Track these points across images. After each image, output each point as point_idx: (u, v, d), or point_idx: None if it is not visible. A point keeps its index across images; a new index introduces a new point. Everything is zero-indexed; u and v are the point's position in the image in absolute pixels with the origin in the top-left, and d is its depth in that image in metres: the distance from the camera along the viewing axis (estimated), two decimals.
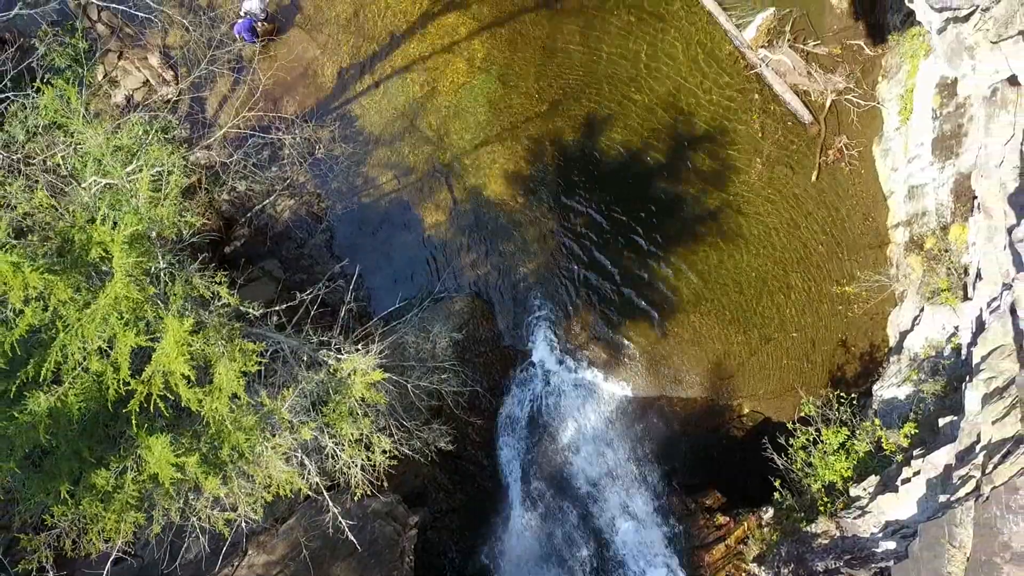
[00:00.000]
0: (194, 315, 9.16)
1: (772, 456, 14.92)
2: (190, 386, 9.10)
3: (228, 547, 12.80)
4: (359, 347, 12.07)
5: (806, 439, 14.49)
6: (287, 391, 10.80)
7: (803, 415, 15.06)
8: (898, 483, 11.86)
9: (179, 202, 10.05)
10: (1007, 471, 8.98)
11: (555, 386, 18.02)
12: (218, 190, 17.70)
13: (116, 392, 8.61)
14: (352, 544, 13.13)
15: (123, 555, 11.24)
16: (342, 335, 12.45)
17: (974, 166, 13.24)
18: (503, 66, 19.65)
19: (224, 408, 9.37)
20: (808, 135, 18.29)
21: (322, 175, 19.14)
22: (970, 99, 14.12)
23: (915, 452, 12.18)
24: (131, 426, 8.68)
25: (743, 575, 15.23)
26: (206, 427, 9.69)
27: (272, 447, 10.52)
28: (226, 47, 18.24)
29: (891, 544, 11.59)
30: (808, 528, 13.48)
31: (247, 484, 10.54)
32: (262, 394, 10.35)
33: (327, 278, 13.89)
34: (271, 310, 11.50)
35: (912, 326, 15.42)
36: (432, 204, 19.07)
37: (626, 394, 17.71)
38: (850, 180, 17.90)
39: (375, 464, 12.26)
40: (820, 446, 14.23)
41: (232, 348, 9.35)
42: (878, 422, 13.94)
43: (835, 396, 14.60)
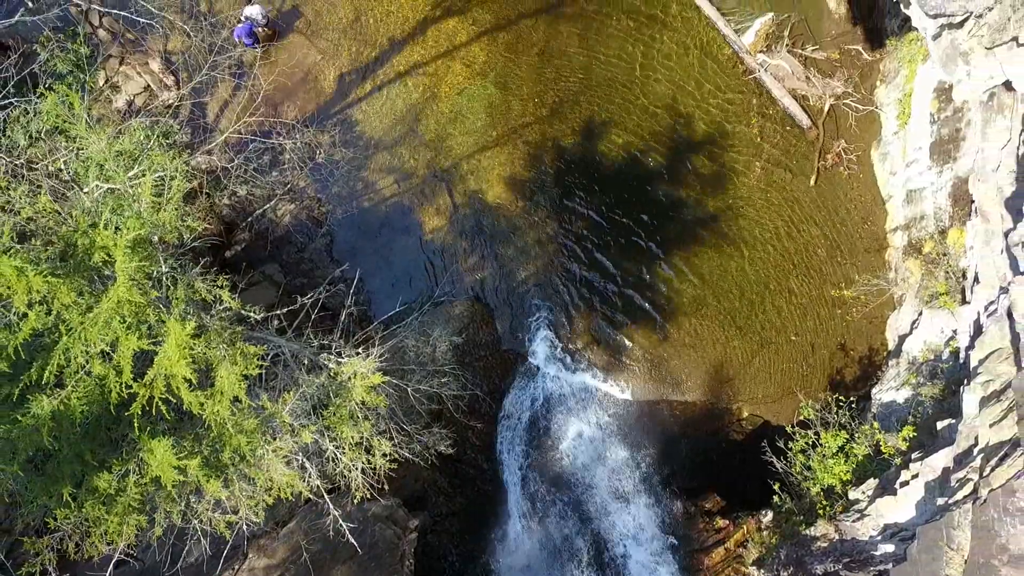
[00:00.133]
0: (196, 319, 9.21)
1: (771, 459, 14.95)
2: (192, 389, 9.15)
3: (228, 550, 12.85)
4: (359, 351, 12.12)
5: (805, 442, 14.52)
6: (288, 394, 10.85)
7: (802, 419, 15.10)
8: (896, 486, 11.88)
9: (181, 207, 10.11)
10: (1004, 474, 8.99)
11: (555, 390, 18.04)
12: (219, 195, 17.76)
13: (118, 395, 8.66)
14: (352, 548, 13.16)
15: (126, 557, 11.28)
16: (342, 339, 12.49)
17: (972, 170, 13.30)
18: (503, 71, 19.72)
19: (225, 411, 9.42)
20: (807, 139, 18.36)
21: (323, 180, 19.18)
22: (968, 104, 14.18)
23: (913, 455, 12.20)
24: (133, 429, 8.72)
25: None
26: (207, 430, 9.73)
27: (273, 450, 10.56)
28: (227, 53, 18.32)
29: (890, 547, 11.61)
30: (807, 531, 13.50)
31: (248, 487, 10.58)
32: (263, 397, 10.41)
33: (328, 282, 13.95)
34: (272, 314, 11.56)
35: (911, 330, 15.45)
36: (432, 208, 19.13)
37: (626, 397, 17.74)
38: (849, 184, 17.97)
39: (375, 467, 12.31)
40: (819, 449, 14.26)
41: (233, 352, 9.40)
42: (877, 425, 13.98)
43: (834, 400, 14.62)
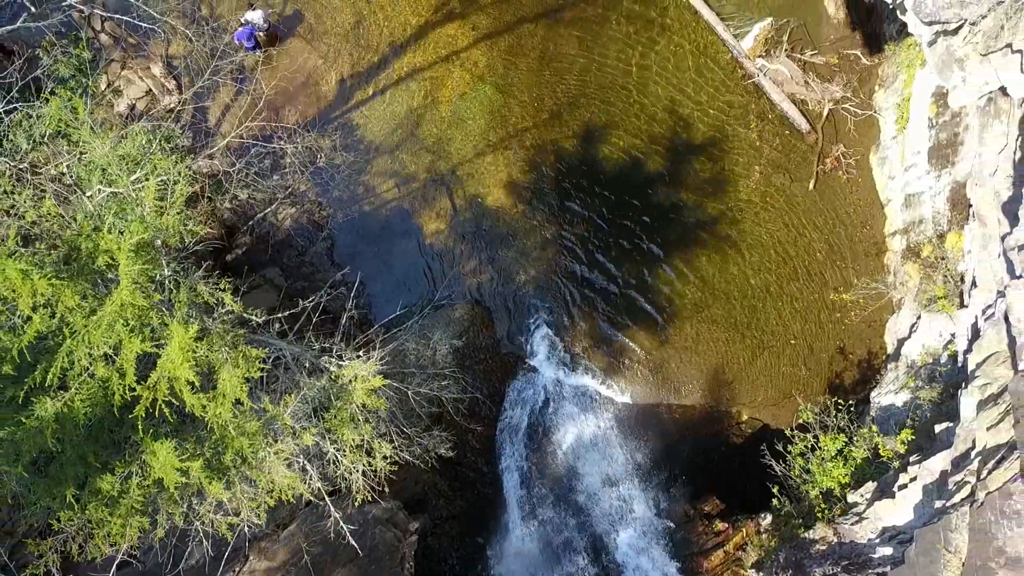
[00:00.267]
0: (199, 322, 9.27)
1: (770, 463, 14.99)
2: (194, 392, 9.21)
3: (229, 553, 12.89)
4: (360, 354, 12.18)
5: (804, 446, 14.56)
6: (289, 397, 10.91)
7: (801, 422, 15.14)
8: (895, 489, 11.93)
9: (183, 211, 10.18)
10: (1001, 476, 9.04)
11: (555, 393, 18.09)
12: (220, 198, 17.85)
13: (122, 398, 8.72)
14: (352, 550, 13.20)
15: (128, 559, 11.33)
16: (343, 342, 12.55)
17: (970, 175, 13.37)
18: (503, 75, 19.81)
19: (227, 414, 9.48)
20: (806, 143, 18.44)
21: (323, 184, 19.26)
22: (966, 109, 14.25)
23: (912, 458, 12.24)
24: (136, 431, 8.78)
25: None
26: (210, 432, 9.79)
27: (275, 452, 10.62)
28: (229, 57, 18.43)
29: (888, 550, 11.65)
30: (806, 534, 13.52)
31: (250, 489, 10.63)
32: (265, 400, 10.46)
33: (329, 285, 14.01)
34: (273, 317, 11.62)
35: (909, 333, 15.50)
36: (432, 212, 19.20)
37: (625, 400, 17.79)
38: (847, 188, 18.04)
39: (376, 470, 12.36)
40: (818, 453, 14.30)
41: (235, 354, 9.46)
42: (875, 428, 14.02)
43: (833, 403, 14.67)
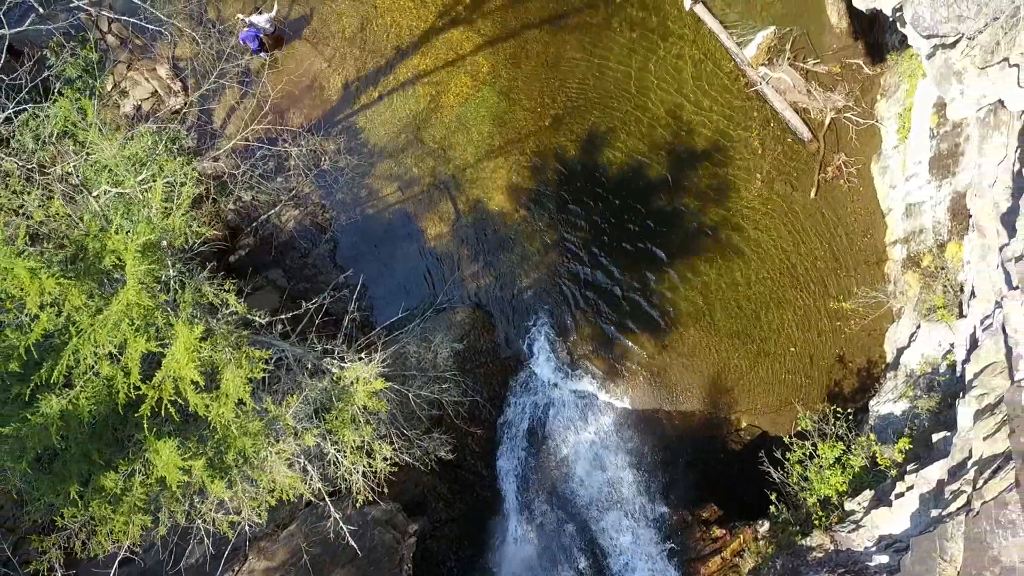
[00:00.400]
0: (203, 322, 9.36)
1: (769, 470, 15.04)
2: (198, 392, 9.30)
3: (229, 552, 12.96)
4: (362, 356, 12.27)
5: (802, 453, 14.61)
6: (291, 398, 10.99)
7: (800, 429, 15.18)
8: (892, 498, 11.97)
9: (189, 212, 10.28)
10: (997, 486, 9.10)
11: (554, 397, 18.17)
12: (224, 200, 17.95)
13: (126, 396, 8.81)
14: (351, 551, 13.27)
15: (131, 556, 11.41)
16: (345, 344, 12.64)
17: (970, 185, 13.43)
18: (507, 81, 19.91)
19: (230, 413, 9.56)
20: (807, 152, 18.51)
21: (327, 186, 19.37)
22: (966, 120, 14.33)
23: (909, 467, 12.29)
24: (141, 430, 8.86)
25: None
26: (212, 432, 9.87)
27: (276, 452, 10.70)
28: (235, 60, 18.54)
29: (884, 558, 11.69)
30: (803, 541, 13.56)
31: (251, 488, 10.72)
32: (267, 400, 10.55)
33: (331, 287, 14.10)
34: (276, 318, 11.71)
35: (909, 342, 15.55)
36: (435, 216, 19.30)
37: (624, 406, 17.85)
38: (849, 197, 18.11)
39: (376, 471, 12.44)
40: (816, 460, 14.35)
41: (239, 355, 9.55)
42: (873, 437, 14.07)
43: (832, 411, 14.71)
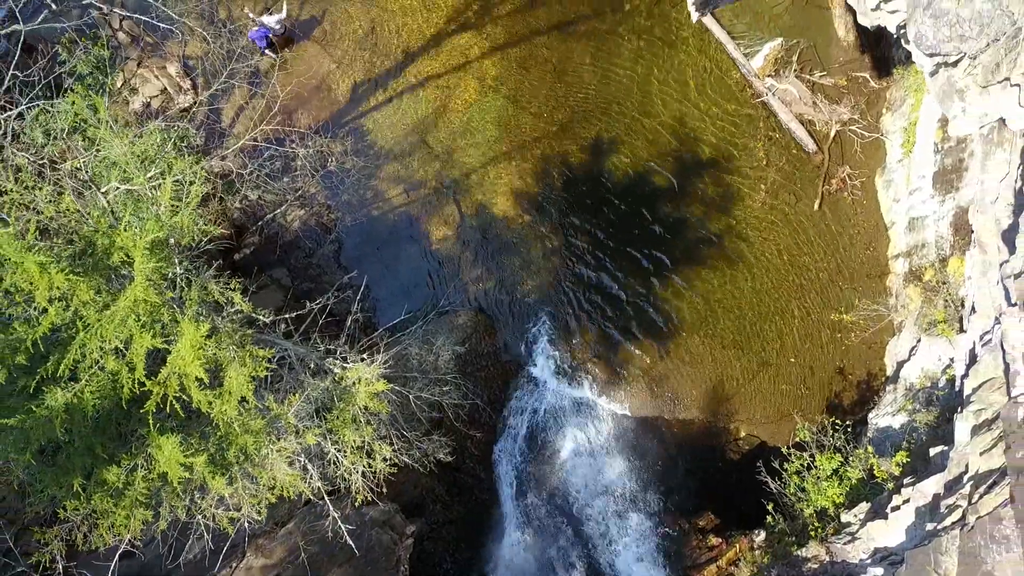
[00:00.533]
0: (209, 320, 9.46)
1: (766, 480, 15.09)
2: (201, 389, 9.39)
3: (227, 548, 13.04)
4: (364, 357, 12.36)
5: (800, 464, 14.65)
6: (293, 397, 11.07)
7: (798, 440, 15.20)
8: (888, 510, 11.99)
9: (196, 210, 10.38)
10: (992, 501, 9.13)
11: (554, 402, 18.22)
12: (231, 198, 18.07)
13: (130, 391, 8.90)
14: (349, 551, 13.33)
15: (131, 550, 11.50)
16: (348, 344, 12.73)
17: (973, 200, 13.47)
18: (514, 86, 20.02)
19: (233, 411, 9.65)
20: (812, 164, 18.57)
21: (333, 187, 19.48)
22: (970, 136, 14.38)
23: (906, 480, 12.31)
24: (145, 425, 8.95)
25: None
26: (214, 429, 9.96)
27: (277, 450, 10.79)
28: (245, 60, 18.68)
29: (879, 570, 11.72)
30: (799, 552, 13.60)
31: (251, 485, 10.80)
32: (269, 399, 10.63)
33: (335, 288, 14.20)
34: (280, 318, 11.81)
35: (909, 356, 15.58)
36: (439, 219, 19.40)
37: (624, 413, 17.90)
38: (852, 210, 18.16)
39: (376, 471, 12.52)
40: (814, 472, 14.38)
41: (243, 353, 9.64)
42: (871, 450, 14.09)
43: (830, 423, 14.75)
